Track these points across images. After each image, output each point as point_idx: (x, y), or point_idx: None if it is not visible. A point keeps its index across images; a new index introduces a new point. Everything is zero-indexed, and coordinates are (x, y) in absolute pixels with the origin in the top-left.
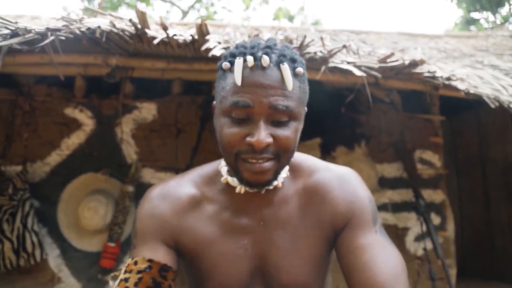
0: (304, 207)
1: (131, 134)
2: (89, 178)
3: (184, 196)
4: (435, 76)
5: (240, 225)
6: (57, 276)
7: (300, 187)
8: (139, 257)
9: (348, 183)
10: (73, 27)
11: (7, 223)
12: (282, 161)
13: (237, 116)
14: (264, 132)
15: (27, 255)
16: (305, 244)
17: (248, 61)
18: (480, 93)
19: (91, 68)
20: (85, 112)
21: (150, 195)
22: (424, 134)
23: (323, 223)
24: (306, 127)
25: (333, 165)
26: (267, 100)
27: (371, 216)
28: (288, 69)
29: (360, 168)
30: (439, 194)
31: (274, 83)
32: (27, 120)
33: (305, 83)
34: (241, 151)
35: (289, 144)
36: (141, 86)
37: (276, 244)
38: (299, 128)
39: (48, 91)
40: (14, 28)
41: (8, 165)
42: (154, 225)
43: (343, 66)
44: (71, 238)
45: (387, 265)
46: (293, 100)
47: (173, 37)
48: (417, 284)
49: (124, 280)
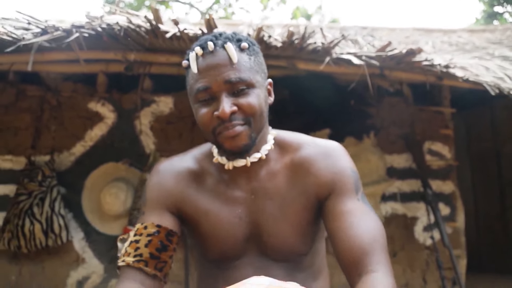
0: (291, 179)
1: (149, 126)
2: (111, 167)
3: (186, 170)
4: (433, 64)
5: (233, 196)
6: (81, 257)
7: (287, 161)
8: (149, 223)
9: (331, 156)
10: (94, 24)
11: (37, 206)
12: (254, 125)
13: (203, 99)
14: (226, 104)
15: (54, 236)
16: (292, 212)
17: (197, 51)
18: (479, 81)
19: (112, 65)
20: (107, 106)
21: (158, 169)
22: (435, 126)
23: (308, 192)
24: (316, 118)
25: (319, 140)
26: (220, 77)
27: (353, 185)
28: (231, 47)
29: (368, 158)
30: (449, 185)
31: (222, 61)
32: (54, 114)
33: (257, 55)
34: (215, 126)
35: (253, 108)
36: (159, 81)
37: (266, 212)
38: (260, 94)
39: (73, 87)
40: (44, 26)
41: (37, 155)
42: (160, 195)
43: (344, 56)
44: (94, 222)
45: (367, 229)
46: (244, 70)
47: (184, 31)
48: (426, 273)
49: (135, 242)
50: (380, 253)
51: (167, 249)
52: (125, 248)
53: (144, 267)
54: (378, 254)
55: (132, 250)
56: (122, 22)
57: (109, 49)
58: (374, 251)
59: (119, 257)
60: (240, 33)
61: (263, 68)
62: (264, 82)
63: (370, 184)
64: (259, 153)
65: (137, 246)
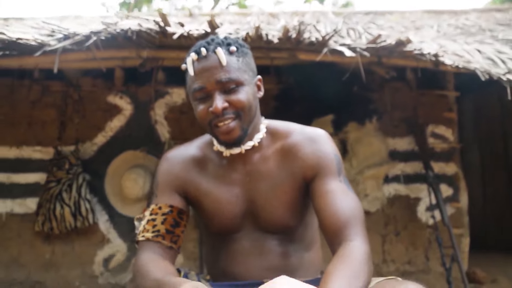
0: (281, 163)
1: (164, 116)
2: (130, 155)
3: (191, 157)
4: (423, 53)
5: (231, 178)
6: (106, 237)
7: (278, 147)
8: (162, 203)
9: (317, 142)
10: (110, 29)
11: (66, 192)
12: (244, 118)
13: (200, 97)
14: (218, 101)
15: (82, 218)
16: (282, 191)
17: (192, 57)
18: (469, 67)
19: (127, 60)
20: (125, 99)
21: (167, 156)
22: (438, 110)
23: (296, 174)
24: (320, 105)
25: (307, 128)
26: (212, 78)
27: (335, 168)
28: (221, 51)
29: (370, 142)
30: (452, 166)
31: (214, 64)
32: (77, 108)
33: (246, 56)
34: (211, 120)
35: (242, 103)
36: (172, 74)
37: (259, 192)
38: (248, 90)
39: (93, 82)
40: (67, 33)
41: (63, 145)
42: (170, 179)
43: (338, 48)
44: (116, 205)
45: (346, 206)
46: (233, 71)
47: (188, 32)
48: (429, 251)
49: (151, 220)
50: (357, 226)
51: (179, 225)
52: (143, 226)
53: (162, 240)
54: (355, 226)
55: (150, 227)
56: (134, 27)
57: (124, 48)
58: (352, 224)
59: (137, 234)
60: (229, 37)
61: (251, 67)
62: (252, 80)
63: (372, 167)
64: (252, 141)
65: (154, 224)
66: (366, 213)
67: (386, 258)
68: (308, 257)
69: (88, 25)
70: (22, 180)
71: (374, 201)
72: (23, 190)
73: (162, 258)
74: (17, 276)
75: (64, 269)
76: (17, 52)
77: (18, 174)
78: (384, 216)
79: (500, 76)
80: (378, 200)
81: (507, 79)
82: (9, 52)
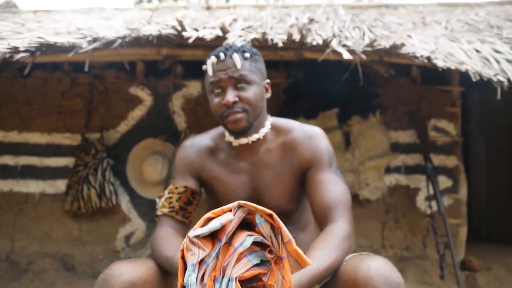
0: (282, 156)
1: (181, 107)
2: (149, 142)
3: (204, 146)
4: (416, 56)
5: (239, 167)
6: (127, 216)
7: (280, 142)
8: (179, 184)
9: (313, 139)
10: (133, 34)
11: (92, 175)
12: (251, 113)
13: (216, 90)
14: (230, 95)
15: (106, 199)
16: (282, 179)
17: (212, 60)
18: (460, 69)
19: (148, 55)
20: (145, 91)
21: (184, 145)
22: (441, 105)
23: (294, 166)
24: (326, 99)
25: (306, 126)
26: (227, 74)
27: (327, 161)
28: (237, 57)
29: (373, 135)
30: (452, 159)
31: (230, 66)
32: (102, 98)
33: (257, 62)
34: (223, 112)
35: (250, 100)
36: (189, 68)
37: (263, 179)
38: (256, 90)
39: (116, 74)
40: (96, 36)
41: (90, 133)
42: (186, 164)
43: (338, 50)
44: (137, 188)
45: (334, 193)
46: (245, 71)
47: (203, 36)
48: (426, 238)
49: (169, 198)
50: (342, 209)
51: (191, 204)
52: (162, 202)
53: (176, 215)
54: (340, 210)
55: (167, 204)
56: (155, 32)
57: (145, 47)
58: (337, 208)
59: (157, 209)
60: (245, 45)
61: (262, 72)
62: (261, 82)
63: (374, 158)
64: (258, 134)
65: (170, 201)
66: (367, 201)
67: (385, 243)
68: (303, 237)
69: (112, 20)
70: (53, 164)
71: (375, 190)
72: (54, 172)
73: (175, 232)
74: (49, 249)
75: (90, 244)
76: (52, 51)
77: (50, 158)
78: (385, 205)
79: (491, 77)
80: (379, 189)
81: (497, 80)
82: (45, 51)
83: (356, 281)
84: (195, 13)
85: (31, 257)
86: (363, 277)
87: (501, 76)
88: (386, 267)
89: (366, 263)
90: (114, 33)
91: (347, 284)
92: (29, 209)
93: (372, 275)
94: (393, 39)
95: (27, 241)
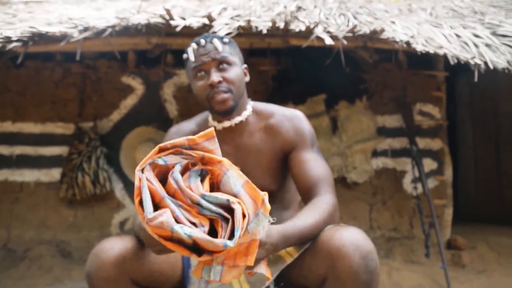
0: (265, 138)
1: (172, 95)
2: (142, 130)
3: (189, 131)
4: (396, 41)
5: (223, 150)
6: (121, 203)
7: (262, 125)
8: None
9: (294, 121)
10: (123, 23)
11: (86, 163)
12: (235, 92)
13: (199, 74)
14: (214, 75)
15: (100, 186)
16: (264, 161)
17: (193, 46)
18: (438, 52)
19: (139, 45)
20: (137, 80)
21: (170, 131)
22: (427, 89)
23: (276, 148)
24: (314, 85)
25: (286, 109)
26: (209, 57)
27: (309, 142)
28: (217, 41)
29: (359, 120)
30: (437, 142)
31: (211, 49)
32: (94, 87)
33: (235, 47)
34: (208, 93)
35: (233, 80)
36: (179, 56)
37: (246, 162)
38: (238, 71)
39: (108, 64)
40: (87, 26)
41: (83, 122)
42: None
43: (321, 36)
44: (130, 175)
45: (318, 171)
46: (226, 54)
47: (190, 25)
48: (413, 219)
49: None
50: (326, 185)
51: None
52: None
53: None
54: (324, 185)
55: None
56: (144, 21)
57: (135, 36)
58: (321, 183)
59: None
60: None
61: (240, 56)
62: (241, 65)
63: (361, 142)
64: (240, 117)
65: None
66: (354, 184)
67: (373, 225)
68: (286, 215)
69: (104, 10)
70: (47, 153)
71: (362, 173)
72: (48, 161)
73: None
74: (45, 236)
75: (85, 230)
76: (44, 41)
77: (44, 147)
78: (372, 187)
79: (468, 60)
80: (366, 172)
81: (475, 63)
82: (37, 41)
83: (329, 248)
84: (186, 3)
85: (28, 244)
86: (336, 245)
87: (478, 59)
88: (358, 236)
89: (340, 233)
90: (105, 23)
91: (322, 252)
92: (25, 197)
93: (344, 243)
94: (375, 25)
95: (23, 229)
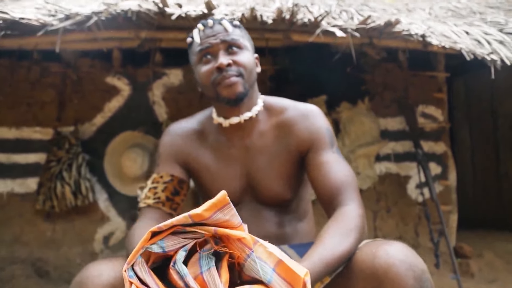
0: (277, 138)
1: (161, 97)
2: (128, 135)
3: (191, 130)
4: (411, 34)
5: (230, 153)
6: (106, 215)
7: (274, 122)
8: (164, 172)
9: (309, 118)
10: (110, 10)
11: (66, 171)
12: (246, 77)
13: (204, 58)
14: (223, 57)
15: (82, 197)
16: (278, 164)
17: (199, 27)
18: (455, 47)
19: (125, 42)
20: (122, 80)
21: (169, 130)
22: (428, 90)
23: (290, 148)
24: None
25: (300, 104)
26: (218, 39)
27: (328, 141)
28: (227, 22)
29: (362, 121)
30: (441, 145)
31: (220, 31)
32: (76, 88)
33: (246, 32)
34: (214, 78)
35: (245, 63)
36: (169, 55)
37: (257, 165)
38: (250, 56)
39: (91, 63)
40: (68, 13)
41: (63, 126)
42: (171, 150)
43: (330, 29)
44: (115, 184)
45: (340, 173)
46: (236, 36)
47: (186, 13)
48: (418, 226)
49: (153, 188)
50: (351, 191)
51: (179, 194)
52: (145, 193)
53: (162, 207)
54: (349, 192)
55: (152, 194)
56: (134, 7)
57: (123, 29)
58: (346, 190)
59: (140, 201)
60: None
61: (251, 43)
62: (253, 52)
63: (364, 145)
64: (250, 112)
65: (156, 191)
66: None
67: (378, 233)
68: (301, 226)
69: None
70: (22, 160)
71: (366, 178)
72: (24, 170)
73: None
74: (19, 254)
75: (65, 246)
76: (19, 32)
77: (18, 155)
78: (376, 193)
79: (484, 56)
80: (370, 178)
81: (491, 59)
82: (10, 32)
83: (374, 269)
84: None
85: None
86: (382, 265)
87: (494, 55)
88: (408, 252)
89: (384, 249)
90: (89, 10)
91: (364, 273)
92: None
93: (394, 261)
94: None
95: None
